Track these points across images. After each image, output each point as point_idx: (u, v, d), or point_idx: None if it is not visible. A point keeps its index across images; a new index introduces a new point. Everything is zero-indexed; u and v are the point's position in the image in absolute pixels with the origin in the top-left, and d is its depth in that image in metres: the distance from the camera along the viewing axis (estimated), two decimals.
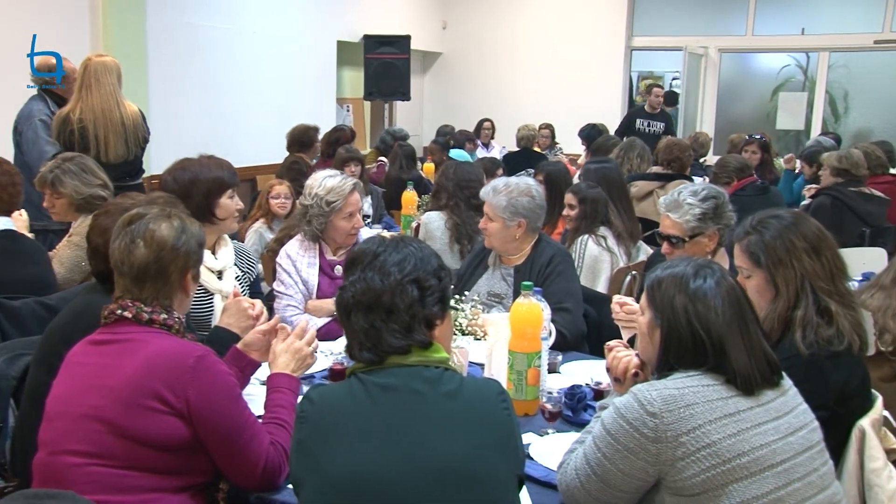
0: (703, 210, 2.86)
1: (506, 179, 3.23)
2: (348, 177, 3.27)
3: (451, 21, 10.86)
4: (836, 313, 2.12)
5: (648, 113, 8.71)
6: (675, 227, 2.90)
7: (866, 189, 5.14)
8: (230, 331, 2.29)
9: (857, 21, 9.30)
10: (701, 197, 2.88)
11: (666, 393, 1.68)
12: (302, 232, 3.22)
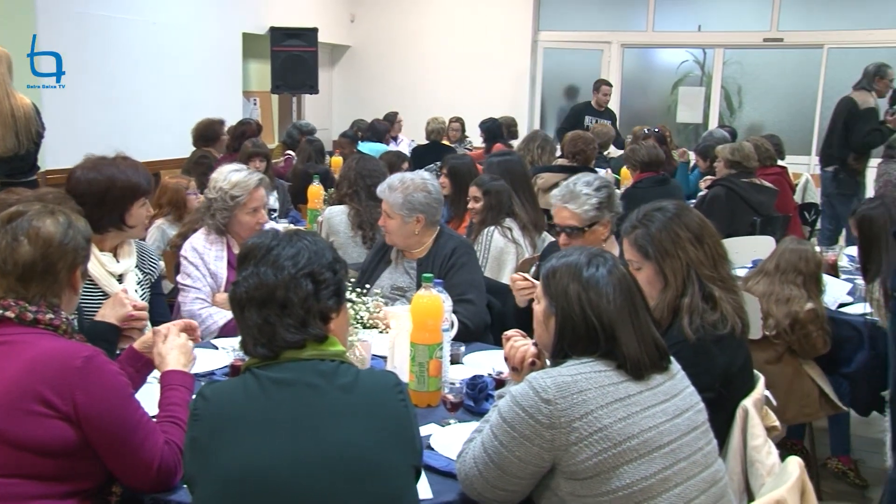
0: (600, 199, 2.94)
1: (401, 176, 3.22)
2: (254, 172, 3.22)
3: (360, 14, 10.80)
4: (719, 298, 2.22)
5: (596, 110, 8.82)
6: (573, 217, 2.96)
7: (757, 180, 5.36)
8: (105, 321, 2.25)
9: (748, 20, 9.71)
10: (595, 186, 2.96)
11: (560, 380, 1.72)
12: (206, 226, 3.17)
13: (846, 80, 9.42)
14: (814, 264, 3.47)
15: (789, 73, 9.78)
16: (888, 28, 8.98)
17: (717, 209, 5.18)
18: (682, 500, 1.72)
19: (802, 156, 8.90)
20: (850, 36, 9.19)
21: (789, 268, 3.46)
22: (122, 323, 2.27)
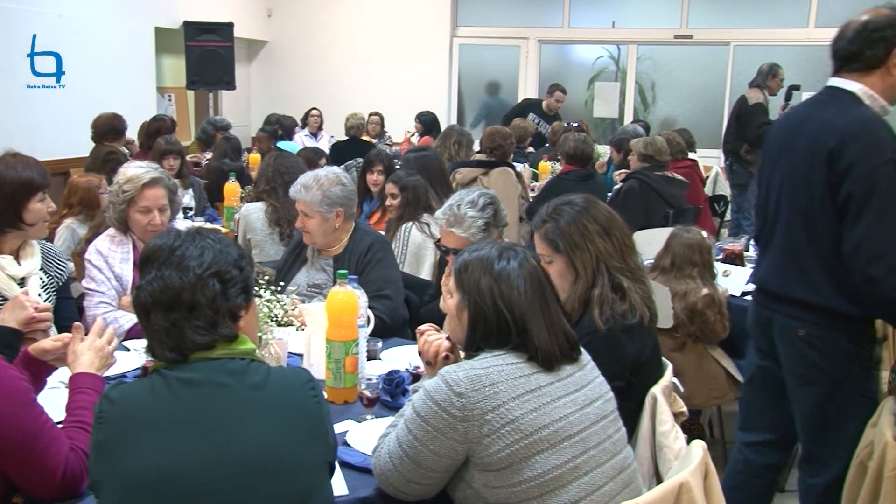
0: (486, 220, 2.92)
1: (312, 174, 3.20)
2: (156, 170, 3.12)
3: (277, 9, 10.66)
4: (628, 289, 2.28)
5: (545, 112, 8.87)
6: (460, 241, 2.92)
7: (669, 173, 5.50)
8: (5, 326, 2.19)
9: (660, 17, 9.97)
10: (480, 206, 2.93)
11: (472, 373, 1.75)
12: (109, 222, 3.08)
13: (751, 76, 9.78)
14: (706, 252, 3.59)
15: (699, 69, 10.07)
16: (789, 27, 9.35)
17: (631, 202, 5.31)
18: (591, 488, 1.77)
19: (713, 149, 9.18)
20: (754, 34, 9.52)
21: (685, 262, 3.55)
22: (24, 326, 2.20)
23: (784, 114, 2.77)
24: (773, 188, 2.62)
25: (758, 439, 2.81)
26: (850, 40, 2.49)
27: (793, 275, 2.52)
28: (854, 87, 2.47)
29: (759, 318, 2.70)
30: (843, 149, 2.36)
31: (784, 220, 2.57)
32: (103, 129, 5.98)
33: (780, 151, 2.61)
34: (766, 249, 2.67)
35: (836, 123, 2.42)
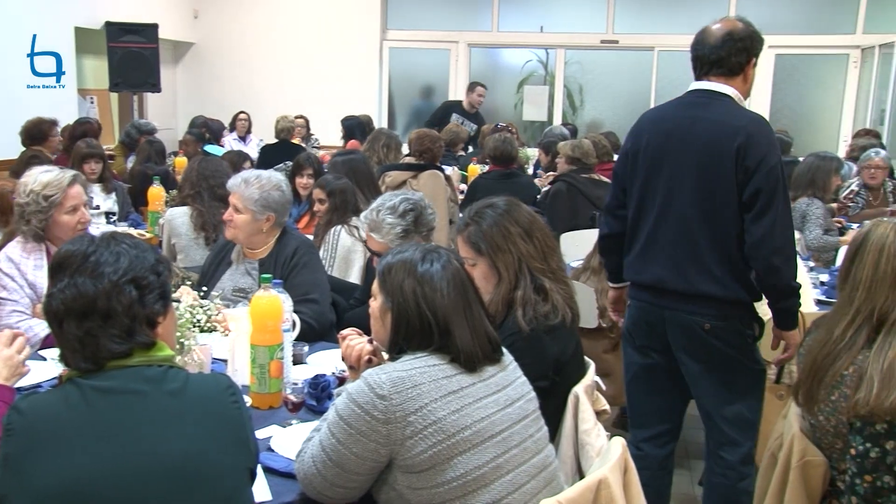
0: (405, 227, 2.93)
1: (256, 172, 3.20)
2: (66, 170, 3.08)
3: (203, 10, 10.47)
4: (550, 290, 2.32)
5: (466, 111, 8.87)
6: (380, 246, 2.95)
7: (596, 175, 5.59)
8: None
9: (587, 22, 10.15)
10: (400, 213, 2.93)
11: (395, 375, 1.76)
12: (22, 233, 2.99)
13: (675, 81, 10.03)
14: None
15: (625, 73, 10.28)
16: None
17: (559, 204, 5.39)
18: (513, 486, 1.79)
19: None
20: (678, 40, 9.75)
21: None
22: None
23: (651, 117, 2.82)
24: (656, 189, 2.68)
25: (654, 433, 2.89)
26: (718, 47, 2.65)
27: (695, 271, 2.60)
28: (728, 91, 2.64)
29: (649, 316, 2.76)
30: (751, 147, 2.50)
31: (678, 219, 2.63)
32: (30, 132, 5.82)
33: (661, 152, 2.67)
34: (651, 249, 2.71)
35: (736, 123, 2.55)
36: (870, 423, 1.98)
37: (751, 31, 2.68)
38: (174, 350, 1.72)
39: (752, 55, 2.66)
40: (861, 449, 2.00)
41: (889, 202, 5.81)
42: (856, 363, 2.05)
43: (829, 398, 2.10)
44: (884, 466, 1.97)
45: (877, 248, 2.11)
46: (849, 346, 2.08)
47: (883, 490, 1.98)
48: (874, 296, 2.08)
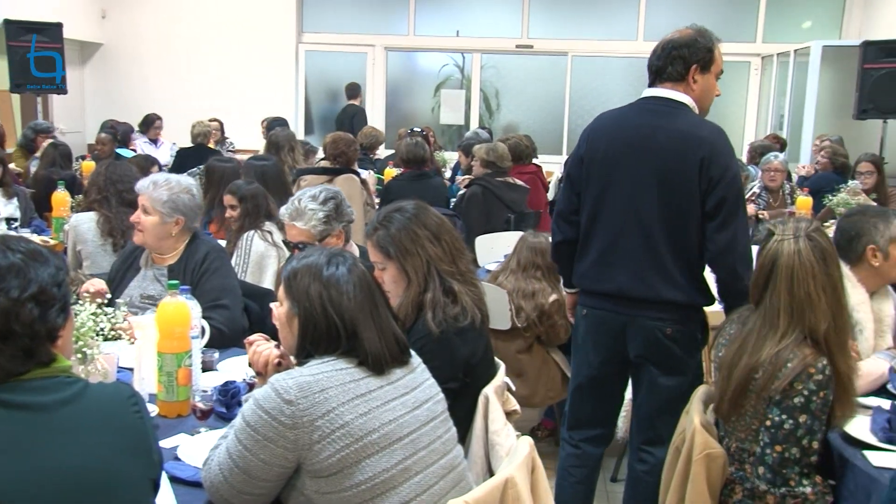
0: (326, 213, 2.97)
1: (166, 175, 3.15)
2: None
3: (112, 10, 10.19)
4: (459, 292, 2.34)
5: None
6: (303, 234, 2.98)
7: (511, 179, 5.68)
8: None
9: (502, 27, 10.30)
10: (321, 200, 2.98)
11: (301, 380, 1.75)
12: None
13: (588, 85, 10.27)
14: (549, 256, 3.74)
15: (540, 77, 10.46)
16: (621, 39, 9.89)
17: (474, 207, 5.45)
18: (422, 488, 1.81)
19: (554, 155, 9.56)
20: (590, 45, 10.01)
21: (529, 264, 3.72)
22: None
23: (608, 122, 2.80)
24: (616, 197, 2.69)
25: (592, 434, 2.94)
26: (658, 56, 2.71)
27: (657, 278, 2.63)
28: (683, 98, 2.68)
29: (609, 325, 2.76)
30: (715, 158, 2.56)
31: (640, 228, 2.64)
32: None
33: (622, 161, 2.68)
34: (611, 258, 2.71)
35: (699, 134, 2.59)
36: (788, 395, 2.09)
37: (691, 40, 2.67)
38: (72, 358, 1.67)
39: (690, 63, 2.66)
40: (777, 420, 2.12)
41: (787, 203, 6.07)
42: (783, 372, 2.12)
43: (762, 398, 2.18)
44: (793, 438, 2.10)
45: (787, 276, 2.17)
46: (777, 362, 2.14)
47: (789, 461, 2.11)
48: (798, 319, 2.16)
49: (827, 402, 2.11)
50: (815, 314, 2.15)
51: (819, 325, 2.14)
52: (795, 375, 2.10)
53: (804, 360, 2.11)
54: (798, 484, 2.14)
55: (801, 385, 2.09)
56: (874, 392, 2.52)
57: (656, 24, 9.77)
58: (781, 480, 2.14)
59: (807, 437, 2.11)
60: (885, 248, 2.70)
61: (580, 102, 10.17)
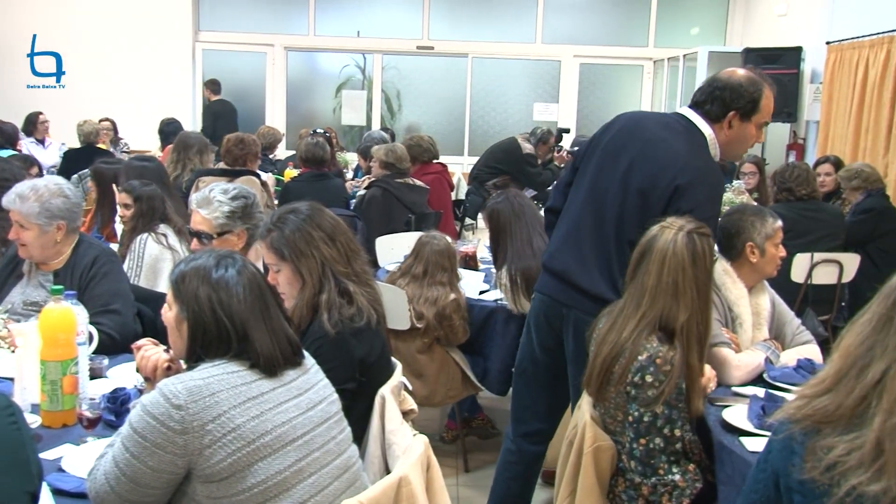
0: (232, 209, 2.91)
1: (31, 183, 2.97)
2: None
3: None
4: (354, 293, 2.35)
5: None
6: (204, 223, 2.92)
7: (410, 180, 5.69)
8: None
9: (403, 28, 10.33)
10: (231, 196, 2.93)
11: (191, 384, 1.72)
12: None
13: (489, 86, 10.41)
14: (452, 257, 3.78)
15: (441, 78, 10.54)
16: (520, 41, 10.07)
17: (374, 209, 5.44)
18: (316, 489, 1.81)
19: (454, 156, 9.65)
20: (490, 47, 10.15)
21: (436, 269, 3.69)
22: None
23: (629, 119, 2.77)
24: (596, 186, 2.68)
25: (531, 430, 2.94)
26: (702, 90, 2.70)
27: (597, 273, 2.63)
28: (707, 131, 2.65)
29: (550, 312, 2.77)
30: (689, 191, 2.50)
31: (602, 220, 2.65)
32: None
33: (618, 156, 2.66)
34: (569, 238, 2.72)
35: (688, 163, 2.55)
36: (642, 389, 2.19)
37: (737, 85, 2.62)
38: None
39: (730, 108, 2.61)
40: (637, 415, 2.22)
41: None
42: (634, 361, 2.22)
43: (620, 391, 2.27)
44: (654, 429, 2.20)
45: (660, 258, 2.27)
46: (634, 344, 2.25)
47: (654, 451, 2.21)
48: (657, 303, 2.26)
49: (681, 391, 2.22)
50: (678, 304, 2.24)
51: (679, 315, 2.24)
52: (644, 367, 2.20)
53: (654, 352, 2.20)
54: (667, 472, 2.25)
55: (652, 377, 2.19)
56: (751, 381, 2.66)
57: (554, 28, 10.02)
58: (651, 471, 2.24)
59: (667, 427, 2.22)
60: (762, 246, 2.85)
61: (481, 103, 10.30)
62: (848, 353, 1.51)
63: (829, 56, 7.63)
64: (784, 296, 3.17)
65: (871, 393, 1.44)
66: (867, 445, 1.42)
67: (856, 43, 7.18)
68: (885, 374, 1.44)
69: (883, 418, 1.41)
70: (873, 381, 1.45)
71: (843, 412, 1.47)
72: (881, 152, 6.58)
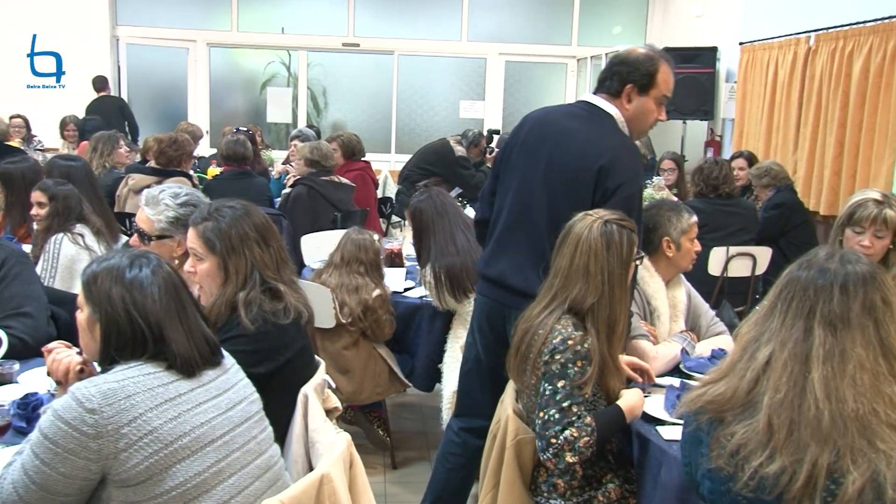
0: (178, 215, 2.77)
1: None
2: None
3: None
4: (284, 291, 2.31)
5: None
6: (146, 222, 2.80)
7: (336, 178, 5.67)
8: None
9: (328, 25, 10.24)
10: (181, 201, 2.79)
11: (105, 387, 1.68)
12: None
13: (415, 84, 10.42)
14: (372, 253, 3.79)
15: (367, 75, 10.49)
16: (446, 39, 10.10)
17: (300, 207, 5.40)
18: (236, 490, 1.79)
19: (381, 153, 9.63)
20: (416, 45, 10.15)
21: (352, 259, 3.74)
22: None
23: (537, 117, 2.81)
24: (520, 189, 2.72)
25: (476, 425, 2.94)
26: (604, 69, 2.77)
27: (534, 273, 2.63)
28: (612, 111, 2.71)
29: (491, 314, 2.81)
30: (613, 170, 2.58)
31: (530, 221, 2.69)
32: None
33: (535, 155, 2.70)
34: (501, 244, 2.76)
35: (605, 143, 2.63)
36: (549, 364, 2.21)
37: (634, 59, 2.68)
38: None
39: (626, 82, 2.67)
40: (541, 390, 2.23)
41: None
42: (547, 342, 2.26)
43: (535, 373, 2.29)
44: (553, 402, 2.19)
45: (574, 242, 2.33)
46: (542, 325, 2.29)
47: (549, 422, 2.18)
48: (568, 285, 2.31)
49: (585, 372, 2.21)
50: (587, 287, 2.28)
51: (586, 299, 2.27)
52: (556, 348, 2.22)
53: (567, 335, 2.23)
54: (559, 434, 2.19)
55: (560, 355, 2.21)
56: (668, 372, 2.74)
57: (479, 26, 10.08)
58: (546, 443, 2.19)
59: (567, 401, 2.18)
60: (678, 241, 2.93)
61: (407, 101, 10.29)
62: (741, 342, 1.60)
63: (742, 56, 7.87)
64: (702, 288, 3.27)
65: (760, 375, 1.53)
66: (760, 425, 1.49)
67: (766, 44, 7.43)
68: (772, 355, 1.52)
69: (770, 395, 1.50)
70: (762, 362, 1.54)
71: (738, 396, 1.55)
72: (791, 149, 6.83)
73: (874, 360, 1.47)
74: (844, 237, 2.86)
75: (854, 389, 1.45)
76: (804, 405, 1.47)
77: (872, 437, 1.43)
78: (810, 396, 1.47)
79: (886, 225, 2.79)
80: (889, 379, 1.47)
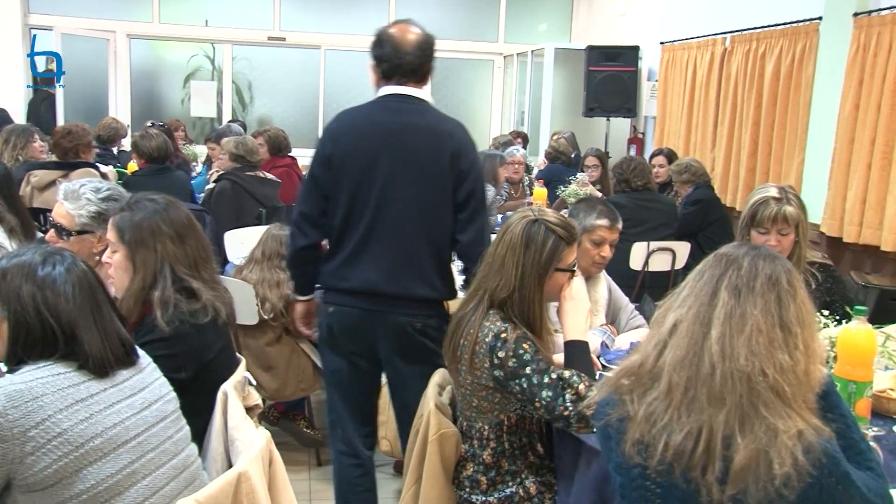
0: (100, 210, 2.69)
1: None
2: None
3: None
4: (199, 290, 2.26)
5: None
6: (66, 217, 2.70)
7: (261, 173, 5.59)
8: None
9: (254, 18, 10.08)
10: (103, 196, 2.72)
11: (11, 389, 1.64)
12: None
13: (343, 80, 10.35)
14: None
15: (294, 70, 10.37)
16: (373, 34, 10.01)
17: (224, 202, 5.31)
18: (151, 490, 1.76)
19: (309, 149, 9.52)
20: (343, 39, 10.09)
21: (273, 254, 3.72)
22: None
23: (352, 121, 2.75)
24: (369, 196, 2.67)
25: (361, 433, 2.93)
26: (416, 55, 2.73)
27: (411, 276, 2.66)
28: (425, 95, 2.77)
29: (356, 321, 2.75)
30: (463, 151, 2.67)
31: (393, 225, 2.66)
32: None
33: (374, 159, 2.67)
34: (360, 255, 2.71)
35: (447, 128, 2.71)
36: (506, 365, 2.20)
37: (433, 39, 2.80)
38: None
39: (430, 67, 2.79)
40: (523, 387, 2.20)
41: (527, 194, 6.51)
42: (479, 342, 2.28)
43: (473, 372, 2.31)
44: (536, 388, 2.18)
45: (501, 233, 2.35)
46: (472, 323, 2.32)
47: (550, 404, 2.17)
48: (487, 276, 2.33)
49: (535, 348, 2.22)
50: (501, 279, 2.29)
51: (500, 291, 2.29)
52: (493, 347, 2.23)
53: (498, 330, 2.24)
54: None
55: (502, 352, 2.22)
56: None
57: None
58: (565, 421, 2.18)
59: (544, 377, 2.18)
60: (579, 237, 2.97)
61: (334, 96, 10.21)
62: (652, 322, 1.66)
63: (662, 55, 8.07)
64: (623, 282, 3.35)
65: (667, 339, 1.58)
66: (662, 385, 1.55)
67: (685, 44, 7.63)
68: (678, 320, 1.59)
69: (671, 353, 1.55)
70: (667, 329, 1.59)
71: (648, 364, 1.60)
72: (709, 146, 7.04)
73: (771, 327, 1.52)
74: (751, 237, 2.92)
75: (748, 349, 1.49)
76: (701, 363, 1.51)
77: (757, 401, 1.47)
78: (707, 354, 1.51)
79: (788, 222, 2.83)
80: (783, 347, 1.51)
